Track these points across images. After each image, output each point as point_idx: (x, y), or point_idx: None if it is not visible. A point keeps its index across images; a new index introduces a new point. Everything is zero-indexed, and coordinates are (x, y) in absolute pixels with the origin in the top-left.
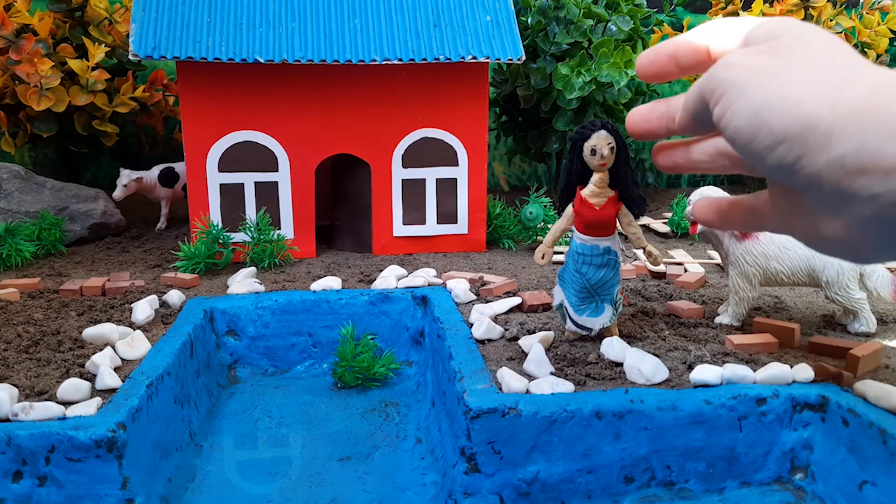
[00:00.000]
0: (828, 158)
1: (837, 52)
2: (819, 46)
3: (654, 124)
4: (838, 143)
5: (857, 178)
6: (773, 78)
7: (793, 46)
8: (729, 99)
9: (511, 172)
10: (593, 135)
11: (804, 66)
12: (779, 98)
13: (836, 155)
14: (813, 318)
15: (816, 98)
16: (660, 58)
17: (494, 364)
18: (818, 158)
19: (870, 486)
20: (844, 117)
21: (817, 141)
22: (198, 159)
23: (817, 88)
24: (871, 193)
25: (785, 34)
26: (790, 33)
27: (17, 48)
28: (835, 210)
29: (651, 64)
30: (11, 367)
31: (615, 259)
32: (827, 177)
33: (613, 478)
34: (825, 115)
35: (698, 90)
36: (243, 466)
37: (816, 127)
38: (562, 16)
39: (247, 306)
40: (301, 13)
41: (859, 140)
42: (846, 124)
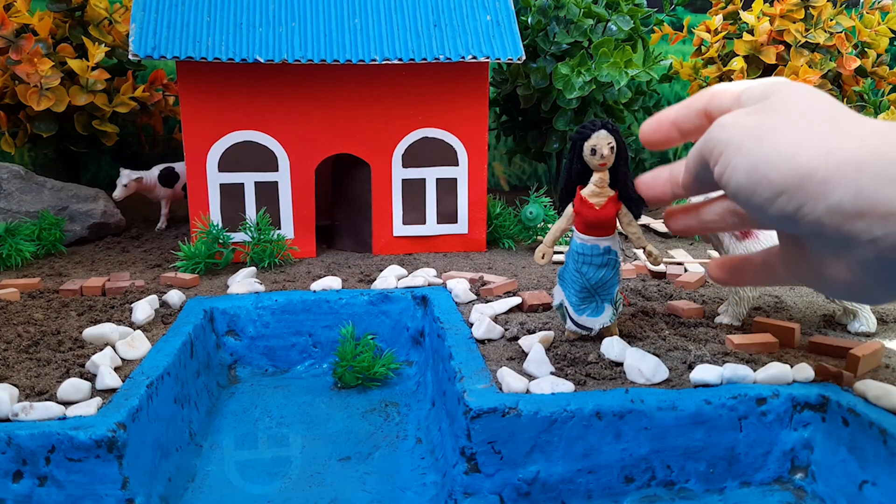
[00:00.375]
0: (827, 205)
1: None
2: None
3: (659, 190)
4: (835, 190)
5: (856, 223)
6: (767, 134)
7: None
8: (727, 157)
9: (511, 172)
10: (593, 134)
11: (795, 121)
12: (774, 152)
13: (834, 201)
14: (813, 318)
15: (809, 149)
16: (661, 126)
17: (494, 364)
18: (818, 206)
19: (870, 485)
20: (838, 166)
21: (815, 190)
22: (198, 159)
23: (809, 141)
24: (871, 237)
25: (774, 93)
26: (779, 92)
27: (17, 48)
28: (838, 254)
29: (654, 132)
30: (11, 367)
31: (615, 259)
32: (828, 222)
33: (614, 478)
34: (819, 164)
35: (698, 152)
36: (243, 466)
37: (812, 176)
38: (562, 15)
39: (247, 306)
40: (301, 13)
41: (855, 186)
42: (841, 172)
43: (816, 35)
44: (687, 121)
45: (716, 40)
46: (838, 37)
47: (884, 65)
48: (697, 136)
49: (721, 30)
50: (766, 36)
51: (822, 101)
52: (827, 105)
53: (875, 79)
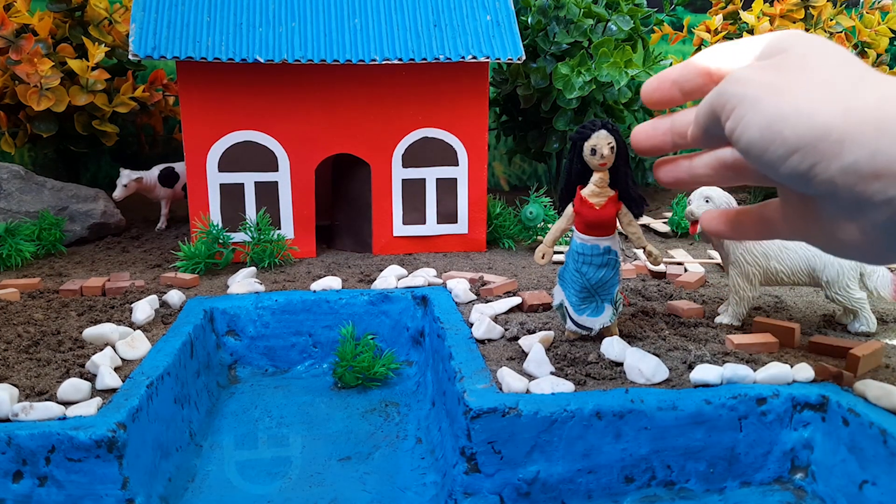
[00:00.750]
0: (841, 165)
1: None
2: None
3: (659, 139)
4: (850, 150)
5: (871, 183)
6: (783, 90)
7: (800, 59)
8: (740, 112)
9: (511, 172)
10: (593, 134)
11: (813, 78)
12: (790, 109)
13: (849, 161)
14: (813, 318)
15: (827, 108)
16: (663, 84)
17: (494, 364)
18: (831, 165)
19: (870, 485)
20: (856, 125)
21: (830, 149)
22: (198, 159)
23: (827, 98)
24: (886, 197)
25: (792, 48)
26: (797, 46)
27: (17, 48)
28: (851, 215)
29: (654, 90)
30: (11, 367)
31: (615, 259)
32: (841, 183)
33: (614, 478)
34: (837, 123)
35: (709, 105)
36: (243, 466)
37: (828, 135)
38: (562, 15)
39: (247, 306)
40: (301, 13)
41: (873, 146)
42: (858, 132)
43: (816, 35)
44: (689, 80)
45: (716, 40)
46: (838, 37)
47: (884, 65)
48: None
49: (721, 30)
50: None
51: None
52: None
53: None
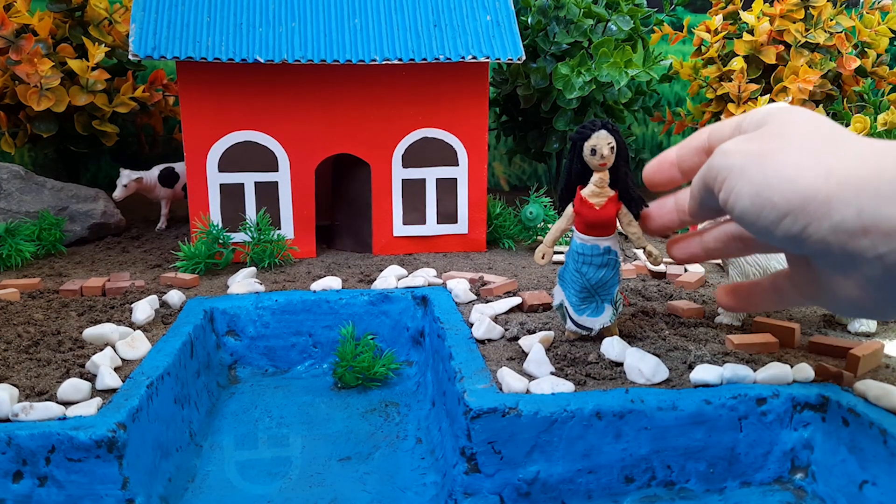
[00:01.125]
0: (830, 224)
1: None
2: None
3: (667, 219)
4: (837, 209)
5: (860, 240)
6: (767, 159)
7: (781, 128)
8: (731, 183)
9: (511, 172)
10: (593, 134)
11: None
12: (776, 176)
13: (837, 220)
14: (813, 318)
15: (810, 171)
16: (663, 166)
17: (494, 364)
18: (822, 225)
19: (870, 485)
20: (839, 186)
21: (818, 210)
22: (198, 159)
23: (809, 162)
24: (876, 253)
25: (772, 120)
26: (777, 118)
27: (17, 48)
28: (846, 272)
29: (655, 173)
30: (11, 367)
31: (615, 259)
32: (833, 241)
33: (614, 478)
34: (821, 185)
35: (702, 180)
36: (243, 466)
37: (815, 197)
38: (562, 15)
39: (247, 306)
40: (301, 13)
41: (856, 205)
42: (842, 192)
43: (816, 35)
44: (687, 159)
45: (716, 40)
46: (838, 37)
47: (884, 65)
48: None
49: (721, 30)
50: (766, 36)
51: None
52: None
53: (875, 79)
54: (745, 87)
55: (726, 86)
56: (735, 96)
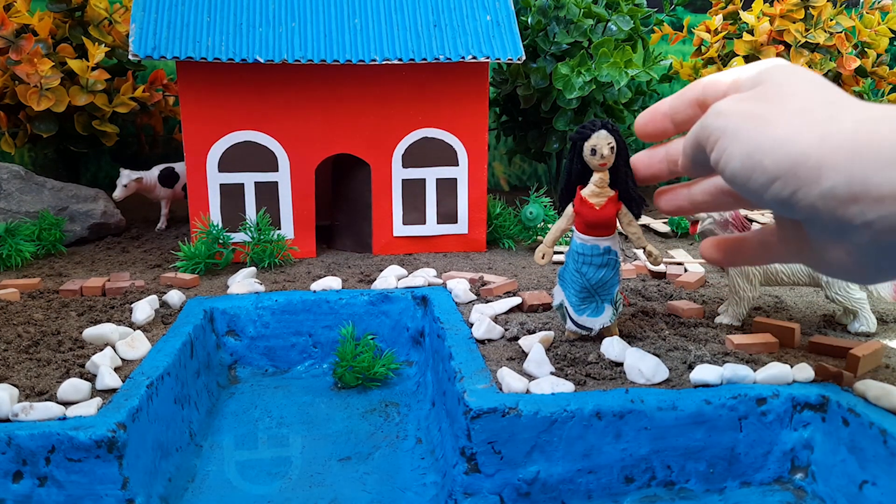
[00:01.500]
0: (820, 190)
1: (820, 90)
2: (802, 87)
3: (656, 168)
4: (828, 175)
5: (849, 207)
6: (761, 121)
7: (777, 90)
8: (723, 144)
9: (511, 172)
10: (593, 134)
11: (789, 107)
12: (768, 139)
13: (827, 186)
14: (813, 318)
15: (803, 136)
16: (655, 117)
17: (494, 364)
18: (812, 191)
19: (870, 485)
20: (831, 152)
21: (808, 175)
22: (198, 159)
23: (803, 127)
24: (865, 220)
25: (769, 79)
26: (774, 77)
27: (17, 48)
28: (835, 238)
29: (647, 123)
30: (11, 367)
31: (615, 259)
32: (822, 207)
33: (614, 478)
34: (813, 151)
35: (694, 138)
36: (243, 466)
37: (805, 162)
38: (562, 16)
39: (247, 306)
40: (301, 13)
41: (848, 172)
42: (834, 158)
43: (816, 35)
44: (681, 111)
45: (716, 40)
46: (838, 37)
47: (884, 65)
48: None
49: (721, 30)
50: (766, 36)
51: (816, 84)
52: (822, 89)
53: (875, 79)
54: None
55: None
56: None
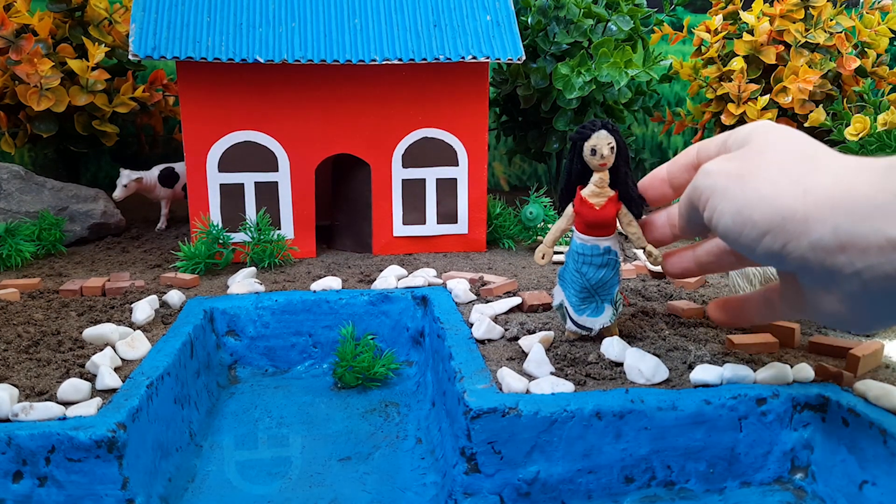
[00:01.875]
0: (809, 242)
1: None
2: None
3: (659, 233)
4: (814, 227)
5: (838, 257)
6: (747, 179)
7: (761, 147)
8: (714, 202)
9: (511, 172)
10: (593, 134)
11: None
12: (755, 195)
13: (815, 238)
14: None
15: (787, 190)
16: (654, 183)
17: (494, 364)
18: (801, 243)
19: (870, 485)
20: (815, 205)
21: (797, 228)
22: (198, 159)
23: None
24: (854, 270)
25: (754, 138)
26: (757, 137)
27: (17, 48)
28: (827, 287)
29: (647, 189)
30: (11, 367)
31: (615, 259)
32: (812, 258)
33: (614, 478)
34: (798, 205)
35: (688, 199)
36: (243, 466)
37: (793, 216)
38: (562, 16)
39: (247, 306)
40: (301, 13)
41: (832, 223)
42: (818, 211)
43: (816, 35)
44: (678, 176)
45: (716, 40)
46: (838, 37)
47: (884, 65)
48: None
49: (721, 30)
50: (766, 36)
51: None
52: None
53: (875, 79)
54: (745, 87)
55: (726, 86)
56: (735, 96)
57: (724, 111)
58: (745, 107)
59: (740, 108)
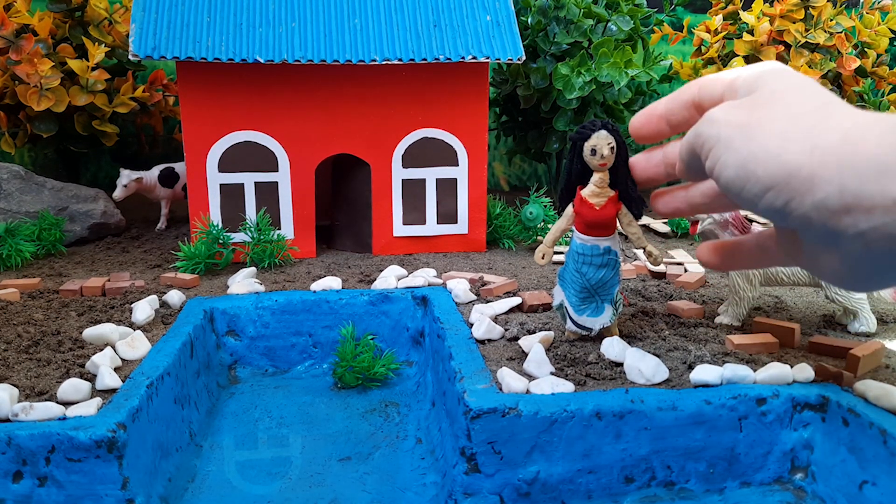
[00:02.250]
0: (813, 201)
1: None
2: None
3: (653, 171)
4: (820, 186)
5: (842, 218)
6: (753, 130)
7: (770, 97)
8: (717, 153)
9: (511, 172)
10: (593, 135)
11: (781, 116)
12: (761, 149)
13: (820, 197)
14: (813, 318)
15: (795, 146)
16: (651, 119)
17: (494, 364)
18: (805, 201)
19: (870, 485)
20: (822, 163)
21: (801, 186)
22: (198, 159)
23: (794, 137)
24: (857, 231)
25: (762, 86)
26: (767, 84)
27: (17, 48)
28: (828, 246)
29: (643, 125)
30: (11, 367)
31: (615, 259)
32: (815, 217)
33: (614, 478)
34: (804, 161)
35: (689, 144)
36: (243, 466)
37: (798, 173)
38: (562, 16)
39: (247, 306)
40: (301, 13)
41: (839, 183)
42: (825, 169)
43: (816, 35)
44: (676, 113)
45: (716, 40)
46: (838, 37)
47: (884, 65)
48: (687, 127)
49: (721, 30)
50: (766, 36)
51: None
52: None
53: (875, 79)
54: None
55: None
56: None
57: None
58: None
59: None
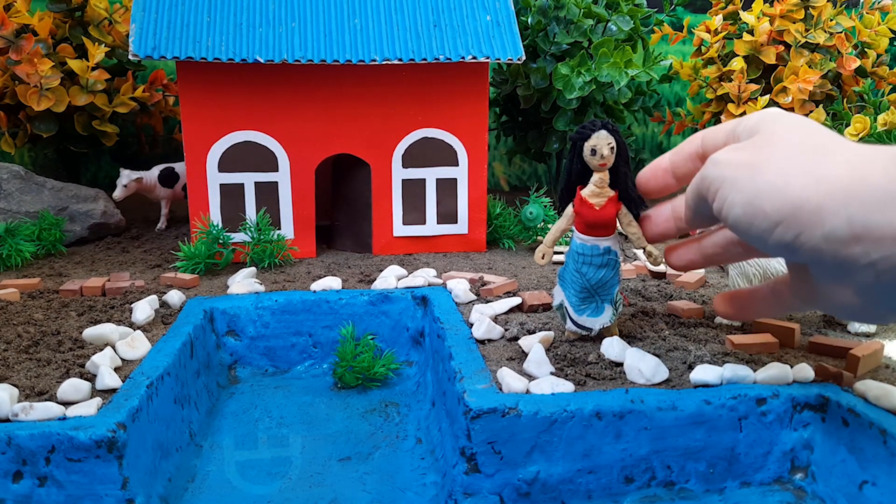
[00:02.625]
0: (822, 232)
1: (813, 134)
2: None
3: (662, 227)
4: (828, 218)
5: (852, 248)
6: (758, 168)
7: (771, 137)
8: (724, 193)
9: (511, 172)
10: (593, 135)
11: (784, 153)
12: (766, 185)
13: (828, 229)
14: (813, 318)
15: (800, 180)
16: (657, 173)
17: (494, 364)
18: (814, 233)
19: (870, 486)
20: (829, 195)
21: (810, 218)
22: (198, 159)
23: (799, 171)
24: (869, 261)
25: (764, 127)
26: (768, 126)
27: (17, 48)
28: (840, 279)
29: (649, 180)
30: (11, 367)
31: (615, 259)
32: (825, 249)
33: (614, 478)
34: (811, 194)
35: (696, 189)
36: (243, 466)
37: (805, 205)
38: (562, 16)
39: (247, 306)
40: (301, 13)
41: (846, 213)
42: (832, 200)
43: (816, 35)
44: (681, 165)
45: (716, 40)
46: (838, 37)
47: (884, 65)
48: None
49: (721, 30)
50: (766, 36)
51: (810, 130)
52: (815, 133)
53: (875, 79)
54: (745, 87)
55: (726, 86)
56: (735, 96)
57: (724, 111)
58: (745, 107)
59: (740, 108)
